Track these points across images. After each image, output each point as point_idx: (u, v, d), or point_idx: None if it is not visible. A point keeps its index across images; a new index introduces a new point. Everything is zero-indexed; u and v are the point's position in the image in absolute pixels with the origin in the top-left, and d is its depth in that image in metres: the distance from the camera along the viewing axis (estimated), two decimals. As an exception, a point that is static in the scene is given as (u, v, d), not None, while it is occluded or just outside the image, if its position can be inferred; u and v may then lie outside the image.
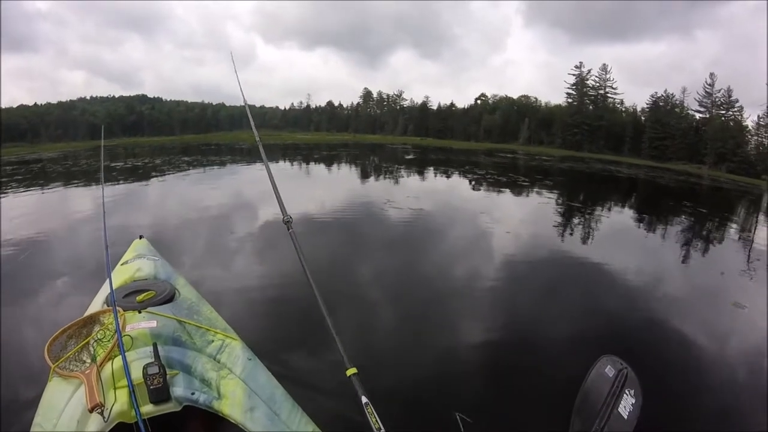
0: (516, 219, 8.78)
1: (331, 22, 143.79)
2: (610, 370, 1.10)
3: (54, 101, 71.34)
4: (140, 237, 3.01)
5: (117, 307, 1.64)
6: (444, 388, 2.81)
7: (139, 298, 1.92)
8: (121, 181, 11.78)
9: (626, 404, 1.05)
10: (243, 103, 2.52)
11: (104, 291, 2.05)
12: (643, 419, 1.05)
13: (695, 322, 4.18)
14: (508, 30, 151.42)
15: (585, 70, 51.01)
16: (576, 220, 9.21)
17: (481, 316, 3.97)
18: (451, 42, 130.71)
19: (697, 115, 45.11)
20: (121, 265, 2.51)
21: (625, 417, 1.03)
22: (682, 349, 3.61)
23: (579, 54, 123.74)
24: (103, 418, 1.24)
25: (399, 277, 4.91)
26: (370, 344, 3.30)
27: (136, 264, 2.45)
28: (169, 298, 2.01)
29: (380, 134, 63.55)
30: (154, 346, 1.52)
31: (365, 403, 0.94)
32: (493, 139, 53.68)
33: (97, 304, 2.02)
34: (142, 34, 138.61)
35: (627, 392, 1.06)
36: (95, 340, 1.59)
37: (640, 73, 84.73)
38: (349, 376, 1.01)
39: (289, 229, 1.59)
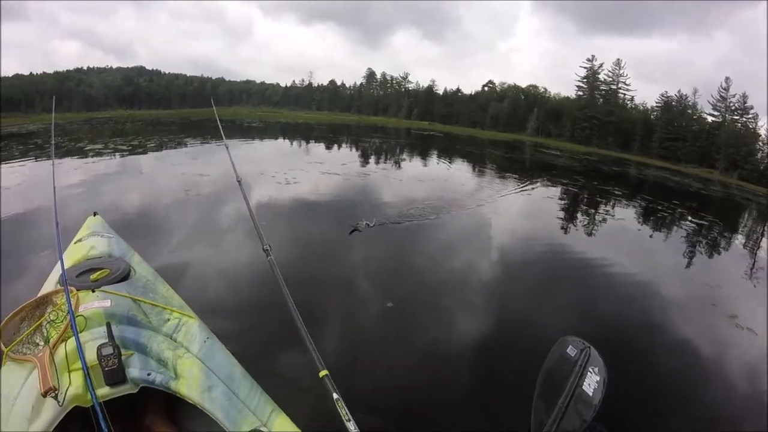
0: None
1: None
2: (572, 350, 1.12)
3: (50, 71, 69.19)
4: (94, 214, 2.88)
5: (69, 287, 1.60)
6: (411, 384, 2.81)
7: (93, 276, 1.86)
8: (93, 161, 10.51)
9: (590, 381, 1.05)
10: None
11: (57, 270, 1.98)
12: (608, 394, 1.08)
13: (665, 313, 4.28)
14: (516, 14, 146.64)
15: (597, 63, 49.85)
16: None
17: (455, 311, 3.94)
18: (455, 23, 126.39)
19: (709, 119, 44.08)
20: (75, 243, 2.42)
21: (591, 393, 1.05)
22: (651, 336, 3.75)
23: (585, 45, 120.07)
24: (58, 402, 1.20)
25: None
26: (344, 346, 3.20)
27: (90, 242, 2.36)
28: (124, 277, 1.96)
29: (383, 116, 62.64)
30: (108, 326, 1.48)
31: (336, 398, 1.00)
32: (500, 128, 52.84)
33: (50, 285, 1.95)
34: (135, 3, 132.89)
35: (591, 370, 1.07)
36: (48, 322, 1.54)
37: (645, 68, 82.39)
38: (322, 377, 1.07)
39: (268, 257, 1.56)
